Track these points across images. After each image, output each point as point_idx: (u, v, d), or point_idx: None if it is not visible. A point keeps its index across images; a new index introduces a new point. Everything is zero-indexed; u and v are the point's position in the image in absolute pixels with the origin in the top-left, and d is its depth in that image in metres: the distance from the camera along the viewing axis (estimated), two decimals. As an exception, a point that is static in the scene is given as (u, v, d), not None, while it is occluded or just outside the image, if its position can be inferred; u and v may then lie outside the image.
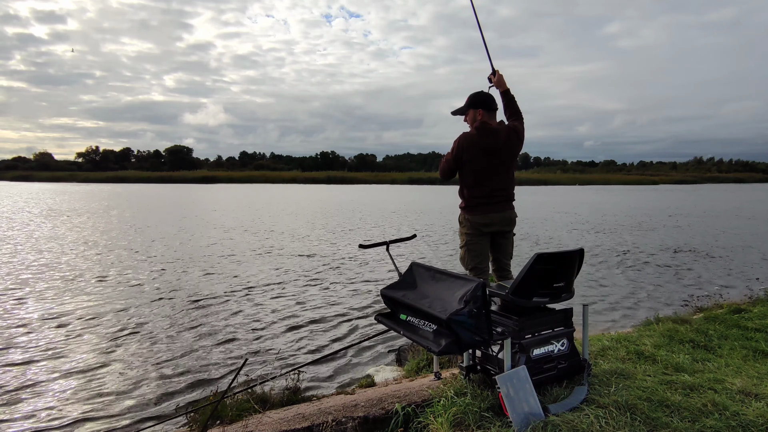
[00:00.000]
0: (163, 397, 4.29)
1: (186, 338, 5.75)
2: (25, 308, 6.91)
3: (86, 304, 7.19)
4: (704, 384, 2.56)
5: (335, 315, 6.76)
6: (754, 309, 4.80)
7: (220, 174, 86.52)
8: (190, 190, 51.86)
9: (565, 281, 2.49)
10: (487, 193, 3.24)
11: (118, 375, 4.74)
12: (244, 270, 9.79)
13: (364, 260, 10.88)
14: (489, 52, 3.43)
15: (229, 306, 7.15)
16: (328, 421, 2.64)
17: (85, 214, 21.51)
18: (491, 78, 3.38)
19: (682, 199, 36.85)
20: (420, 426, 2.51)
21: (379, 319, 2.63)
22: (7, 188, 50.21)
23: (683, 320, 4.35)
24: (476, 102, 3.26)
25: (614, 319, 6.55)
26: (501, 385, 2.17)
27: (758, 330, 4.04)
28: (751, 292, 6.97)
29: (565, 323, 2.58)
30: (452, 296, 2.20)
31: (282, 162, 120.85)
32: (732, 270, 9.89)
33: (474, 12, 3.50)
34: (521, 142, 3.31)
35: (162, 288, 8.20)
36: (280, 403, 3.24)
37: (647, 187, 68.07)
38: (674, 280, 9.02)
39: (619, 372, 2.72)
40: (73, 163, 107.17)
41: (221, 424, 2.89)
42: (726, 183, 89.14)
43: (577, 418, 2.13)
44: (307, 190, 55.11)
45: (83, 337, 5.77)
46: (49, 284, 8.35)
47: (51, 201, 30.72)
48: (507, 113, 3.39)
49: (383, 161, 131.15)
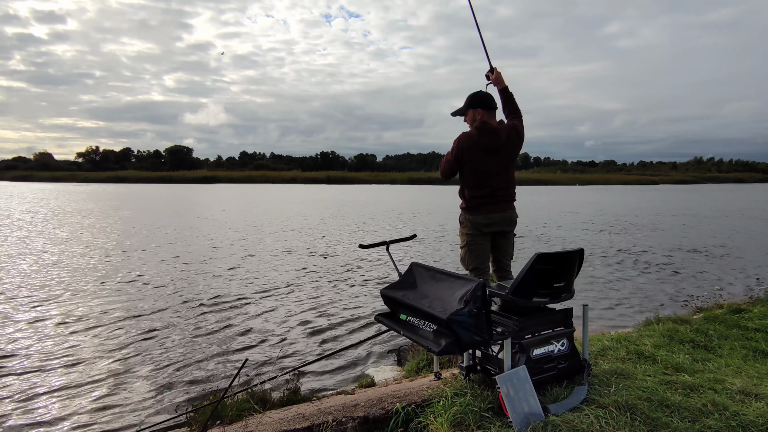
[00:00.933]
0: (163, 397, 4.29)
1: (186, 338, 5.75)
2: (25, 309, 6.92)
3: (86, 303, 7.20)
4: (704, 384, 2.56)
5: (335, 315, 6.76)
6: (754, 309, 4.80)
7: (220, 174, 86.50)
8: (191, 190, 51.82)
9: (565, 281, 2.49)
10: (488, 193, 3.23)
11: (118, 375, 4.74)
12: (244, 270, 9.79)
13: (364, 260, 10.88)
14: (487, 49, 3.40)
15: (229, 306, 7.15)
16: (329, 421, 2.64)
17: (94, 215, 21.52)
18: (489, 75, 3.36)
19: (682, 199, 36.84)
20: (420, 426, 2.51)
21: (379, 319, 2.63)
22: (10, 188, 50.16)
23: (683, 320, 4.35)
24: (475, 102, 3.25)
25: (614, 319, 6.55)
26: (501, 385, 2.17)
27: (758, 330, 4.04)
28: (751, 292, 6.98)
29: (565, 323, 2.58)
30: (452, 296, 2.20)
31: (282, 162, 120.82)
32: (732, 270, 9.89)
33: (471, 8, 3.47)
34: (521, 141, 3.29)
35: (162, 288, 8.21)
36: (280, 403, 3.24)
37: (648, 187, 68.06)
38: (674, 279, 9.02)
39: (619, 372, 2.72)
40: (73, 163, 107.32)
41: (221, 424, 2.90)
42: (726, 183, 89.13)
43: (577, 418, 2.13)
44: (307, 190, 55.09)
45: (83, 337, 5.78)
46: (50, 283, 8.35)
47: (56, 201, 30.71)
48: (506, 111, 3.38)
49: (383, 161, 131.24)
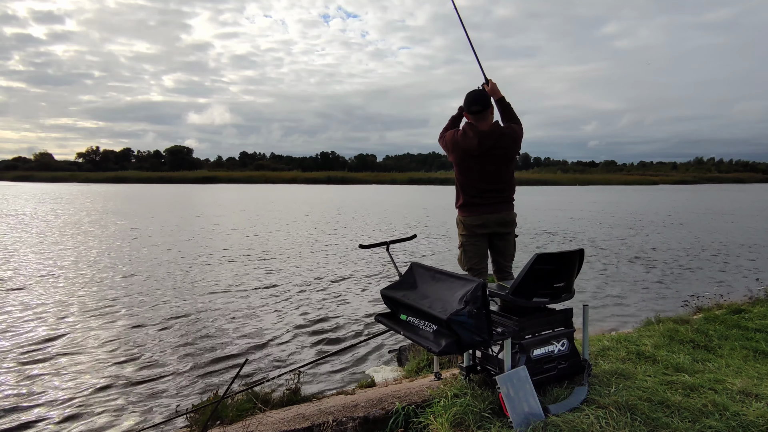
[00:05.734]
0: (164, 397, 4.29)
1: (186, 338, 5.75)
2: (28, 300, 6.92)
3: (88, 303, 7.19)
4: (704, 384, 2.55)
5: (335, 315, 6.76)
6: (754, 309, 4.79)
7: (220, 174, 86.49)
8: (193, 190, 51.79)
9: (565, 281, 2.48)
10: (478, 194, 3.21)
11: (118, 375, 4.75)
12: (244, 270, 9.79)
13: (364, 260, 10.88)
14: (480, 62, 3.38)
15: (230, 306, 7.15)
16: (329, 421, 2.64)
17: (103, 215, 21.52)
18: (485, 87, 3.35)
19: (682, 200, 36.82)
20: (420, 426, 2.50)
21: (379, 320, 2.63)
22: (14, 189, 50.10)
23: (683, 320, 4.35)
24: (465, 104, 3.23)
25: (614, 319, 6.55)
26: (501, 386, 2.17)
27: (758, 330, 4.04)
28: (751, 293, 6.95)
29: (565, 323, 2.57)
30: (452, 296, 2.20)
31: (282, 162, 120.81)
32: (732, 270, 9.89)
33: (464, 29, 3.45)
34: (516, 144, 3.23)
35: (162, 288, 8.20)
36: (280, 404, 3.24)
37: (648, 187, 68.02)
38: (674, 280, 9.02)
39: (620, 372, 2.71)
40: (74, 163, 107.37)
41: (222, 424, 2.90)
42: (726, 183, 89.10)
43: (577, 418, 2.12)
44: (307, 190, 55.08)
45: (83, 337, 5.77)
46: (52, 281, 8.35)
47: (64, 201, 30.72)
48: (503, 121, 3.34)
49: (383, 161, 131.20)
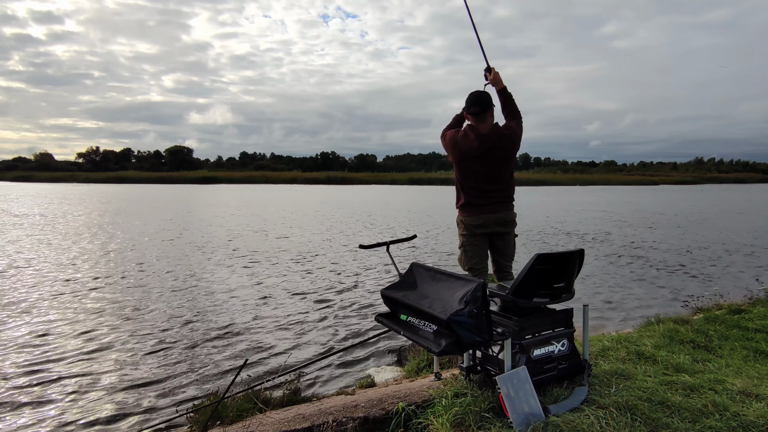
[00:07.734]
0: (164, 398, 4.29)
1: (186, 338, 5.75)
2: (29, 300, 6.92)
3: (88, 304, 7.20)
4: (705, 384, 2.56)
5: (335, 315, 6.76)
6: (755, 309, 4.80)
7: (220, 174, 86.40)
8: (194, 190, 51.75)
9: (565, 282, 2.48)
10: (477, 194, 3.21)
11: (118, 375, 4.74)
12: (244, 270, 9.80)
13: (365, 260, 10.88)
14: (483, 48, 3.36)
15: (230, 306, 7.15)
16: (329, 422, 2.64)
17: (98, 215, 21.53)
18: (487, 75, 3.32)
19: (681, 200, 36.83)
20: (420, 426, 2.50)
21: (379, 320, 2.63)
22: (16, 189, 50.10)
23: (683, 321, 4.35)
24: (467, 105, 3.22)
25: (615, 319, 6.55)
26: (501, 386, 2.17)
27: (759, 330, 4.04)
28: (751, 293, 6.96)
29: (565, 324, 2.57)
30: (452, 297, 2.20)
31: (282, 162, 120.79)
32: (732, 270, 9.89)
33: (467, 8, 3.45)
34: (515, 143, 3.22)
35: (162, 288, 8.21)
36: (280, 404, 3.24)
37: (648, 187, 68.02)
38: (674, 280, 9.02)
39: (620, 372, 2.72)
40: (74, 163, 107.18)
41: (222, 424, 2.90)
42: (726, 183, 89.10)
43: (577, 418, 2.12)
44: (307, 190, 55.07)
45: (83, 337, 5.77)
46: (52, 280, 8.36)
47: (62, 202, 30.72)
48: (504, 112, 3.33)
49: (383, 161, 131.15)
